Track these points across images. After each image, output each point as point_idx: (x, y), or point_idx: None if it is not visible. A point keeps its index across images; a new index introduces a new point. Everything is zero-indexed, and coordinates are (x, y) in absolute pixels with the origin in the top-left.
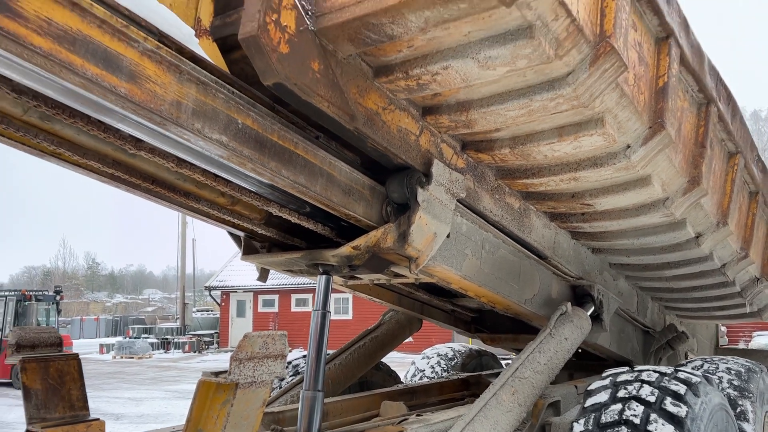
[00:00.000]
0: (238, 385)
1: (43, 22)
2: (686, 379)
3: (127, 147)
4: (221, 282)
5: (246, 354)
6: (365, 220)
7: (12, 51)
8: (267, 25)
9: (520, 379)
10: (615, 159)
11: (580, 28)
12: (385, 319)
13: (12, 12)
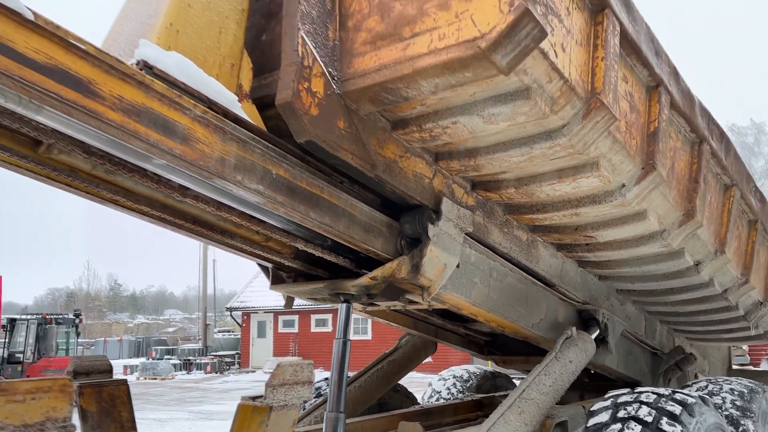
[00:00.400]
0: (272, 408)
1: (116, 100)
2: (682, 400)
3: (176, 195)
4: (242, 303)
5: (279, 381)
6: (383, 254)
7: (92, 124)
8: (300, 93)
9: (527, 400)
10: (612, 197)
11: (572, 87)
12: (401, 343)
13: (92, 93)
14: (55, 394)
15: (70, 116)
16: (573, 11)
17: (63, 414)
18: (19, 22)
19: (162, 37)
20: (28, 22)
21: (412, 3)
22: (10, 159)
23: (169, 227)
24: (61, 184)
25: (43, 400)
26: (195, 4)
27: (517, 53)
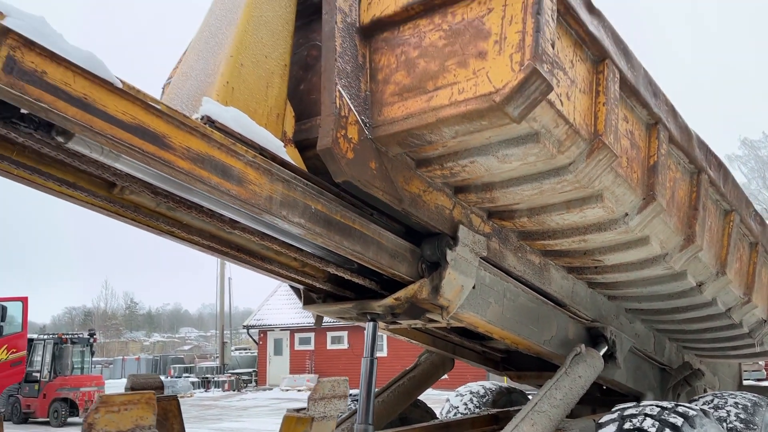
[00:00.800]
0: (313, 419)
1: (185, 150)
2: (684, 412)
3: (226, 227)
4: (258, 321)
5: (319, 395)
6: (406, 277)
7: (165, 171)
8: (338, 139)
9: (539, 413)
10: (616, 225)
11: (576, 130)
12: (421, 360)
13: (167, 146)
14: (142, 406)
15: (148, 165)
16: (576, 63)
17: (148, 422)
18: (110, 90)
19: (220, 94)
20: (117, 89)
21: (434, 60)
22: (86, 198)
23: (216, 254)
24: (126, 219)
25: (133, 410)
26: (246, 63)
27: (527, 105)
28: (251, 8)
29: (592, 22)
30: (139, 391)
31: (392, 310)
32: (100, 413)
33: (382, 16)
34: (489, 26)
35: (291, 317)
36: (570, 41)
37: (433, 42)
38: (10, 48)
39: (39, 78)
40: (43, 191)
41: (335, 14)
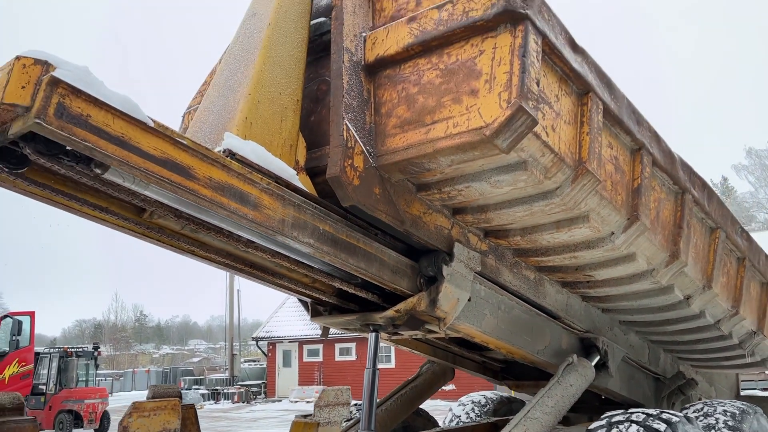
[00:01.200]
0: (319, 424)
1: (207, 179)
2: (667, 419)
3: (241, 246)
4: (267, 333)
5: (324, 402)
6: (406, 291)
7: (190, 199)
8: (345, 168)
9: (531, 419)
10: (603, 243)
11: (561, 158)
12: (422, 371)
13: (192, 176)
14: (169, 411)
15: (175, 193)
16: (562, 96)
17: (173, 426)
18: (143, 129)
19: (240, 128)
20: (149, 128)
21: (432, 96)
22: (118, 221)
23: (231, 270)
24: (153, 240)
25: (161, 415)
26: (263, 100)
27: (514, 138)
28: (267, 50)
29: (576, 59)
30: (163, 399)
31: (393, 321)
32: (134, 417)
33: (385, 55)
34: (480, 67)
35: (299, 329)
36: (555, 77)
37: (431, 80)
38: (60, 96)
39: (84, 121)
40: (78, 215)
41: (342, 54)
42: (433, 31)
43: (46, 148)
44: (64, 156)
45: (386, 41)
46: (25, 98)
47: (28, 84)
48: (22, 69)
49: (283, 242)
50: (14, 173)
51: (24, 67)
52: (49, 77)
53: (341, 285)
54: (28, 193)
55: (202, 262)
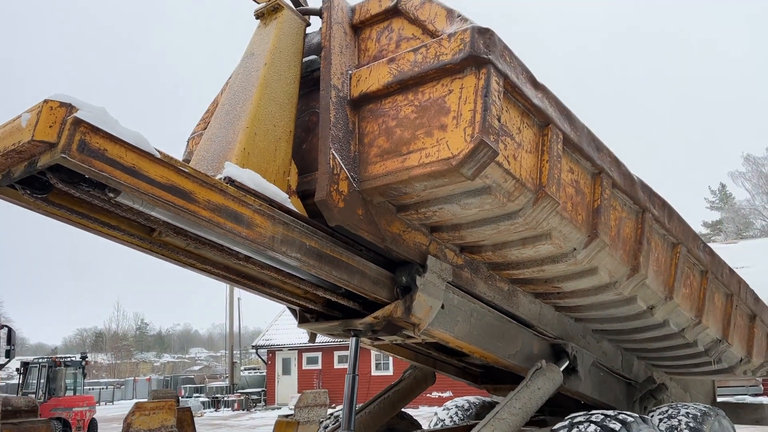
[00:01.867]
0: (299, 423)
1: (206, 202)
2: (623, 419)
3: (238, 261)
4: (267, 341)
5: (303, 403)
6: (383, 300)
7: (191, 219)
8: (331, 192)
9: (499, 420)
10: (566, 258)
11: (522, 183)
12: (405, 376)
13: (192, 200)
14: (166, 411)
15: (178, 215)
16: (524, 129)
17: (170, 422)
18: (151, 160)
19: (239, 158)
20: (156, 159)
21: (408, 130)
22: (129, 239)
23: (229, 282)
24: (161, 256)
25: (159, 414)
26: (259, 133)
27: (477, 167)
28: (263, 87)
29: (537, 95)
30: (161, 400)
31: (372, 327)
32: (136, 415)
33: (368, 92)
34: (449, 104)
35: (298, 337)
36: (518, 111)
37: (407, 114)
38: (82, 134)
39: (102, 154)
40: (93, 233)
41: (330, 90)
42: (410, 72)
43: (69, 177)
44: (83, 183)
45: (369, 79)
46: (52, 136)
47: (54, 124)
48: (50, 111)
49: (274, 256)
50: (39, 198)
51: (51, 109)
52: (72, 118)
53: (326, 294)
54: (49, 214)
55: (203, 274)
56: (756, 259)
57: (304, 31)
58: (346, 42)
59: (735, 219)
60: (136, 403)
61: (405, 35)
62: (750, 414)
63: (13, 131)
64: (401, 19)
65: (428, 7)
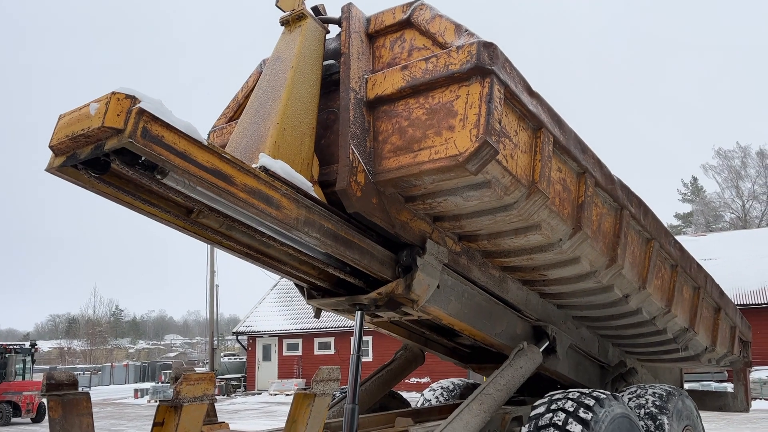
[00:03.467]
0: (315, 395)
1: (243, 185)
2: (597, 396)
3: (263, 239)
4: (248, 327)
5: (320, 378)
6: (387, 278)
7: (230, 200)
8: (350, 183)
9: (486, 395)
10: (553, 247)
11: (518, 179)
12: (397, 356)
13: (232, 183)
14: (207, 381)
15: (219, 196)
16: (520, 131)
17: (211, 392)
18: (200, 146)
19: (271, 150)
20: (204, 146)
21: (419, 129)
22: (169, 218)
23: (250, 260)
24: (194, 234)
25: (202, 384)
26: (287, 128)
27: (481, 164)
28: (291, 88)
29: (531, 102)
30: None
31: (375, 302)
32: (183, 385)
33: (383, 95)
34: (456, 108)
35: (279, 324)
36: (515, 116)
37: (419, 116)
38: (145, 122)
39: (160, 140)
40: (138, 212)
41: (349, 92)
42: (421, 78)
43: (129, 159)
44: (138, 165)
45: (384, 83)
46: (120, 123)
47: (121, 113)
48: (117, 101)
49: (296, 236)
50: (96, 177)
51: (118, 100)
52: (137, 108)
53: (335, 272)
54: (101, 192)
55: (228, 252)
56: (723, 251)
57: (324, 37)
58: (362, 49)
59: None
60: (183, 374)
61: (416, 45)
62: (714, 401)
63: (81, 118)
64: (413, 30)
65: (438, 21)
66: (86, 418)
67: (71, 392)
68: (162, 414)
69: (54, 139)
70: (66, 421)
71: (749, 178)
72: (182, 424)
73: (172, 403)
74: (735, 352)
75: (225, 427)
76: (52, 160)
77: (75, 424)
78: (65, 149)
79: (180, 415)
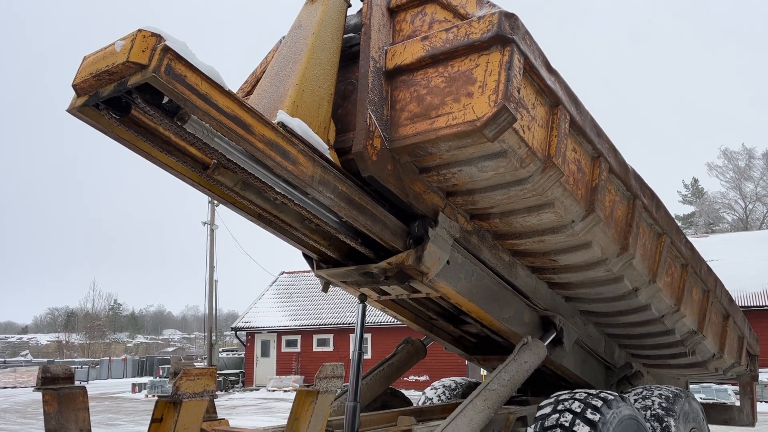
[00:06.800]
0: (318, 392)
1: (261, 136)
2: (604, 397)
3: (278, 200)
4: (246, 323)
5: (323, 374)
6: (398, 249)
7: (246, 148)
8: (366, 146)
9: (490, 390)
10: (565, 229)
11: (534, 152)
12: (398, 350)
13: (250, 132)
14: (208, 377)
15: (238, 144)
16: (537, 106)
17: (212, 388)
18: (221, 91)
19: (289, 109)
20: (225, 91)
21: (437, 96)
22: (186, 170)
23: (263, 224)
24: (208, 190)
25: (203, 379)
26: (306, 90)
27: (498, 130)
28: (311, 53)
29: (550, 78)
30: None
31: (385, 272)
32: (183, 380)
33: (402, 65)
34: (476, 76)
35: (278, 320)
36: (533, 90)
37: (437, 84)
38: (169, 60)
39: (182, 79)
40: (154, 162)
41: (369, 60)
42: (442, 48)
43: (151, 97)
44: (159, 107)
45: (403, 54)
46: (144, 59)
47: (146, 49)
48: (143, 38)
49: (312, 194)
50: (116, 118)
51: (144, 37)
52: (162, 45)
53: (346, 239)
54: (119, 138)
55: (241, 214)
56: (725, 252)
57: (345, 10)
58: (383, 22)
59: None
60: (183, 369)
61: (437, 18)
62: (719, 414)
63: (106, 55)
64: (434, 4)
65: None
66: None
67: (67, 386)
68: (161, 410)
69: (78, 77)
70: (61, 415)
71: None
72: (181, 421)
73: (172, 398)
74: (742, 364)
75: (225, 423)
76: (74, 100)
77: (71, 419)
78: (88, 88)
79: (179, 411)
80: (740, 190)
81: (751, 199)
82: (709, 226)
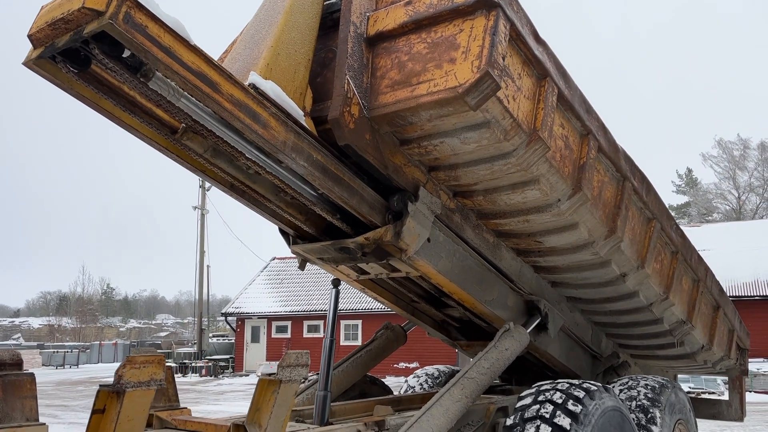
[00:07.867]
0: (281, 381)
1: (229, 96)
2: (587, 387)
3: (251, 170)
4: (237, 309)
5: (286, 363)
6: (376, 223)
7: (214, 109)
8: (343, 113)
9: (468, 379)
10: (550, 208)
11: (519, 124)
12: (377, 336)
13: (217, 91)
14: (156, 365)
15: (204, 103)
16: (524, 76)
17: (159, 377)
18: (186, 46)
19: (262, 71)
20: (190, 45)
21: (419, 63)
22: (152, 133)
23: (237, 196)
24: (176, 156)
25: (149, 368)
26: (282, 53)
27: (481, 97)
28: (288, 15)
29: (538, 48)
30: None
31: (362, 248)
32: (127, 368)
33: (384, 30)
34: (459, 41)
35: (269, 306)
36: (519, 59)
37: (419, 50)
38: (128, 7)
39: (143, 29)
40: (118, 124)
41: (349, 25)
42: (425, 13)
43: (110, 49)
44: (120, 62)
45: (386, 20)
46: (101, 5)
47: None
48: None
49: (284, 161)
50: (75, 72)
51: None
52: None
53: (322, 212)
54: (80, 95)
55: (213, 183)
56: (718, 242)
57: None
58: None
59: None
60: (127, 357)
61: None
62: (707, 409)
63: (63, 3)
64: None
65: None
66: (29, 401)
67: (14, 372)
68: (103, 400)
69: (33, 27)
70: (6, 403)
71: (747, 170)
72: (125, 412)
73: (114, 388)
74: (732, 357)
75: (187, 413)
76: (30, 52)
77: (16, 407)
78: (44, 38)
79: (122, 402)
80: (734, 180)
81: (744, 189)
82: (703, 217)
